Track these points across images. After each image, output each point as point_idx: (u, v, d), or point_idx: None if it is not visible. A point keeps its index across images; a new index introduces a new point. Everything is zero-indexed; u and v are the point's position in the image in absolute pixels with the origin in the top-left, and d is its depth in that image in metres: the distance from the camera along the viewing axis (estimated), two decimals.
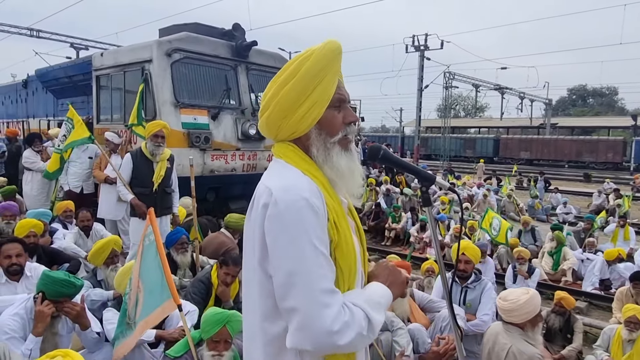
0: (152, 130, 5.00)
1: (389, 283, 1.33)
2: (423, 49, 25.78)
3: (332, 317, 1.09)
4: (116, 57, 7.09)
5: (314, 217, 1.14)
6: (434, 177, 1.37)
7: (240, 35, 7.22)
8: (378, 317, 1.20)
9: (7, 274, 3.45)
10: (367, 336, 1.16)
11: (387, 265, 1.39)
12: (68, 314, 2.84)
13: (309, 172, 1.24)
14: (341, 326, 1.09)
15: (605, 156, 32.40)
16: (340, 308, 1.11)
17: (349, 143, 1.32)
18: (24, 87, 10.56)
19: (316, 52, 1.24)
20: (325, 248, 1.16)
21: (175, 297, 2.66)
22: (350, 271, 1.23)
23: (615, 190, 13.38)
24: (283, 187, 1.16)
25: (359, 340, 1.13)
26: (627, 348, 3.77)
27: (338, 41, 1.27)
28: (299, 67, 1.24)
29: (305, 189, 1.17)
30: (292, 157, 1.27)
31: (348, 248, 1.23)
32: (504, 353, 3.12)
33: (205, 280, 3.77)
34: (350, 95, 1.35)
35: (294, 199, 1.14)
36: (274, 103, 1.27)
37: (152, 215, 2.88)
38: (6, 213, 5.21)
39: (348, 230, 1.25)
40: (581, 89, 61.03)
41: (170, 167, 5.22)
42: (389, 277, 1.35)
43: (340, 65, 1.28)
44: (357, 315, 1.14)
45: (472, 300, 4.11)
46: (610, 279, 6.77)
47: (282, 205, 1.13)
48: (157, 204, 4.98)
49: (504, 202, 12.62)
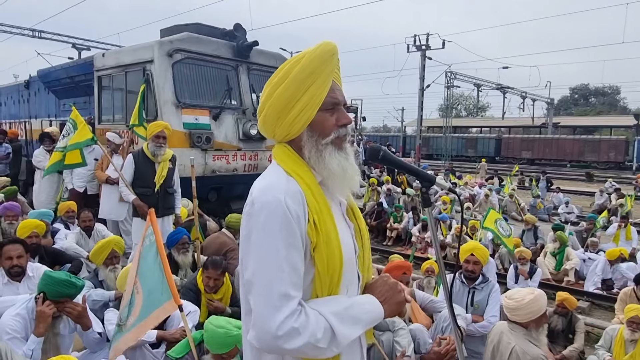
0: (153, 131, 5.01)
1: (384, 299, 1.30)
2: (424, 48, 25.72)
3: (278, 321, 1.09)
4: (118, 57, 7.10)
5: (285, 220, 1.14)
6: (434, 177, 1.37)
7: (242, 36, 7.23)
8: (348, 331, 1.17)
9: (8, 275, 3.46)
10: (323, 348, 1.13)
11: (389, 282, 1.34)
12: (69, 314, 2.84)
13: (294, 172, 1.24)
14: (287, 331, 1.09)
15: (607, 156, 32.29)
16: (291, 314, 1.10)
17: (343, 142, 1.31)
18: (26, 88, 10.58)
19: (307, 55, 1.24)
20: (296, 250, 1.15)
21: (176, 297, 2.66)
22: (332, 275, 1.21)
23: (617, 190, 13.34)
24: (261, 188, 1.20)
25: (310, 350, 1.12)
26: (629, 348, 3.76)
27: (332, 42, 1.26)
28: (290, 70, 1.24)
29: (281, 190, 1.18)
30: (283, 157, 1.29)
31: (329, 251, 1.20)
32: (507, 352, 3.11)
33: (192, 287, 3.77)
34: (349, 95, 1.34)
35: (268, 200, 1.16)
36: (268, 104, 1.28)
37: (152, 215, 2.88)
38: (9, 213, 5.24)
39: (333, 233, 1.22)
40: (583, 88, 60.85)
41: (173, 167, 5.23)
42: (386, 294, 1.31)
43: (333, 67, 1.27)
44: (313, 325, 1.12)
45: (480, 301, 4.08)
46: (612, 279, 6.75)
47: (257, 206, 1.17)
48: (159, 204, 4.99)
49: (506, 201, 12.60)
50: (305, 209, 1.19)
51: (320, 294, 1.21)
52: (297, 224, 1.16)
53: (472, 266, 4.10)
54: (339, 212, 1.33)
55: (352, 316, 1.19)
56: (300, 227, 1.16)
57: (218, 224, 6.58)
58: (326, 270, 1.20)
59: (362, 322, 1.22)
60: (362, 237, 1.39)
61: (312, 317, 1.13)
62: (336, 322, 1.15)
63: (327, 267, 1.20)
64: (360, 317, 1.22)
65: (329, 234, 1.21)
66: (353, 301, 1.24)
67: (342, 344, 1.16)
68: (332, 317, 1.15)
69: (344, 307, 1.20)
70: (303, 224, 1.17)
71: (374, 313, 1.26)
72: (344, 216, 1.35)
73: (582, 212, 12.62)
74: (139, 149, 5.23)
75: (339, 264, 1.22)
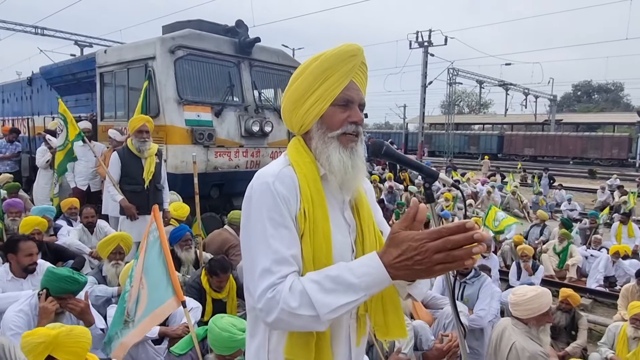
0: (135, 126, 4.92)
1: (399, 266, 1.04)
2: (427, 45, 25.68)
3: (257, 295, 1.14)
4: (120, 54, 7.10)
5: (271, 200, 1.19)
6: (437, 173, 1.35)
7: (244, 32, 7.20)
8: (329, 298, 1.07)
9: (25, 272, 3.50)
10: (305, 316, 1.07)
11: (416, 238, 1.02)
12: (72, 310, 2.85)
13: (295, 162, 1.30)
14: (265, 303, 1.12)
15: (610, 153, 32.20)
16: (268, 286, 1.12)
17: (350, 141, 1.30)
18: (29, 85, 10.59)
19: (327, 52, 1.30)
20: (285, 229, 1.19)
21: (179, 293, 2.67)
22: (316, 265, 1.18)
23: (620, 187, 13.31)
24: (257, 174, 1.27)
25: (292, 319, 1.09)
26: (632, 345, 3.75)
27: (356, 45, 1.30)
28: (309, 64, 1.31)
29: (271, 174, 1.24)
30: (291, 148, 1.36)
31: (316, 242, 1.20)
32: (507, 348, 3.12)
33: (196, 285, 3.78)
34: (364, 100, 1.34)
35: (259, 182, 1.24)
36: (287, 95, 1.36)
37: (156, 212, 2.88)
38: (12, 210, 5.24)
39: (322, 225, 1.22)
40: (586, 84, 60.58)
41: (159, 162, 5.16)
42: (406, 262, 1.03)
43: (353, 68, 1.29)
44: (285, 293, 1.09)
45: (470, 295, 4.13)
46: (615, 276, 6.75)
47: (250, 191, 1.26)
48: (150, 200, 4.94)
49: (508, 198, 12.58)
50: (298, 196, 1.23)
51: None
52: (286, 206, 1.20)
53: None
54: (338, 208, 1.32)
55: (335, 279, 1.08)
56: (290, 210, 1.21)
57: (220, 220, 6.59)
58: (311, 261, 1.19)
59: (353, 286, 1.07)
60: (363, 238, 1.34)
61: (287, 286, 1.11)
62: (312, 288, 1.09)
63: (312, 258, 1.19)
64: (350, 280, 1.07)
65: (317, 226, 1.21)
66: (349, 267, 1.10)
67: (325, 311, 1.07)
68: (309, 283, 1.10)
69: (328, 271, 1.12)
70: (293, 208, 1.21)
71: (372, 276, 1.07)
72: (343, 214, 1.33)
73: (585, 209, 12.61)
74: (124, 146, 5.17)
75: (325, 259, 1.20)
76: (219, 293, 3.78)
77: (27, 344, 2.15)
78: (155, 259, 2.76)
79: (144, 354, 3.07)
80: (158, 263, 2.73)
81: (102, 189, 6.51)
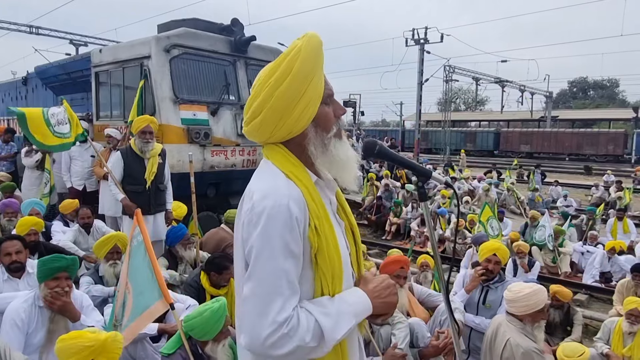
0: (139, 127, 4.93)
1: (375, 296, 1.27)
2: (423, 42, 25.63)
3: (270, 330, 1.10)
4: (115, 53, 7.08)
5: (287, 226, 1.14)
6: (430, 172, 1.37)
7: (239, 31, 7.19)
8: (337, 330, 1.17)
9: (8, 272, 3.47)
10: (313, 347, 1.14)
11: (385, 281, 1.32)
12: (51, 304, 2.76)
13: (293, 175, 1.23)
14: (278, 338, 1.10)
15: (606, 149, 32.30)
16: (282, 322, 1.10)
17: (342, 133, 1.33)
18: (24, 84, 10.55)
19: (303, 50, 1.20)
20: (294, 259, 1.15)
21: (166, 296, 2.65)
22: (334, 275, 1.22)
23: (618, 182, 13.35)
24: (263, 193, 1.17)
25: (301, 352, 1.13)
26: (627, 340, 3.78)
27: (317, 34, 1.25)
28: (290, 66, 1.20)
29: (284, 194, 1.16)
30: (280, 159, 1.27)
31: (330, 252, 1.21)
32: (502, 344, 3.14)
33: (194, 284, 3.77)
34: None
35: (273, 204, 1.14)
36: (268, 106, 1.22)
37: (139, 215, 2.87)
38: (8, 210, 5.23)
39: (332, 234, 1.23)
40: (582, 81, 60.74)
41: (162, 162, 5.16)
42: (380, 291, 1.29)
43: (323, 58, 1.26)
44: (303, 328, 1.12)
45: (493, 301, 3.93)
46: (610, 271, 6.79)
47: (258, 210, 1.15)
48: (151, 201, 4.96)
49: (505, 195, 12.61)
50: (307, 214, 1.19)
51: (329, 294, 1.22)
52: (301, 229, 1.16)
53: (493, 265, 3.97)
54: (331, 212, 1.32)
55: (340, 312, 1.18)
56: (302, 233, 1.17)
57: (217, 219, 6.58)
58: (331, 272, 1.21)
59: (351, 316, 1.21)
60: (353, 234, 1.39)
61: (303, 320, 1.13)
62: (325, 322, 1.15)
63: (331, 268, 1.21)
64: (349, 312, 1.20)
65: (328, 238, 1.22)
66: (342, 298, 1.23)
67: (332, 342, 1.16)
68: (321, 315, 1.16)
69: (333, 305, 1.19)
70: (303, 226, 1.17)
71: (361, 305, 1.25)
72: (335, 215, 1.35)
73: (581, 205, 12.65)
74: (127, 146, 5.17)
75: (339, 265, 1.23)
76: (220, 290, 3.76)
77: (72, 347, 2.17)
78: (140, 263, 2.74)
79: (142, 352, 3.08)
80: (143, 267, 2.72)
81: (98, 189, 6.50)
